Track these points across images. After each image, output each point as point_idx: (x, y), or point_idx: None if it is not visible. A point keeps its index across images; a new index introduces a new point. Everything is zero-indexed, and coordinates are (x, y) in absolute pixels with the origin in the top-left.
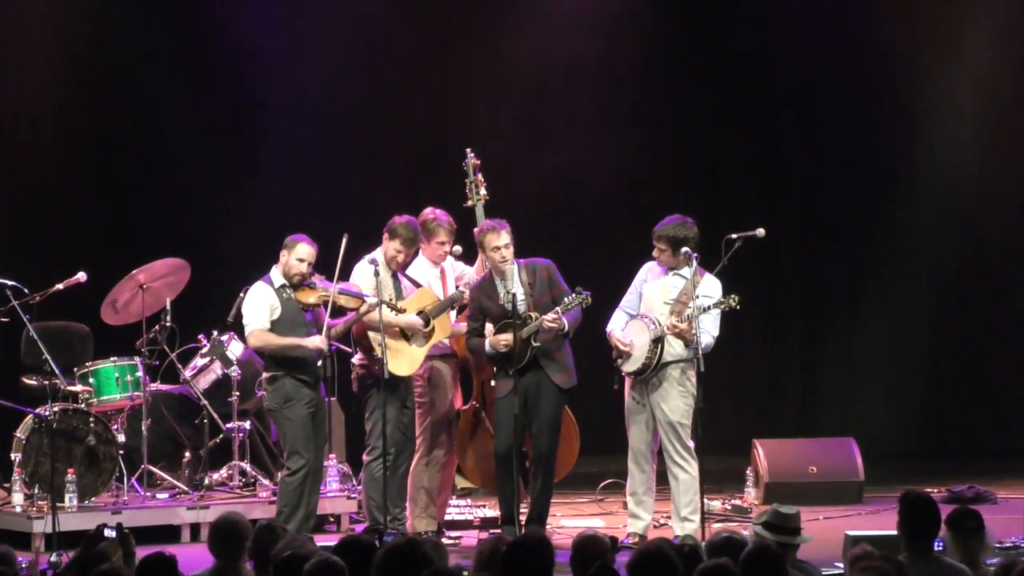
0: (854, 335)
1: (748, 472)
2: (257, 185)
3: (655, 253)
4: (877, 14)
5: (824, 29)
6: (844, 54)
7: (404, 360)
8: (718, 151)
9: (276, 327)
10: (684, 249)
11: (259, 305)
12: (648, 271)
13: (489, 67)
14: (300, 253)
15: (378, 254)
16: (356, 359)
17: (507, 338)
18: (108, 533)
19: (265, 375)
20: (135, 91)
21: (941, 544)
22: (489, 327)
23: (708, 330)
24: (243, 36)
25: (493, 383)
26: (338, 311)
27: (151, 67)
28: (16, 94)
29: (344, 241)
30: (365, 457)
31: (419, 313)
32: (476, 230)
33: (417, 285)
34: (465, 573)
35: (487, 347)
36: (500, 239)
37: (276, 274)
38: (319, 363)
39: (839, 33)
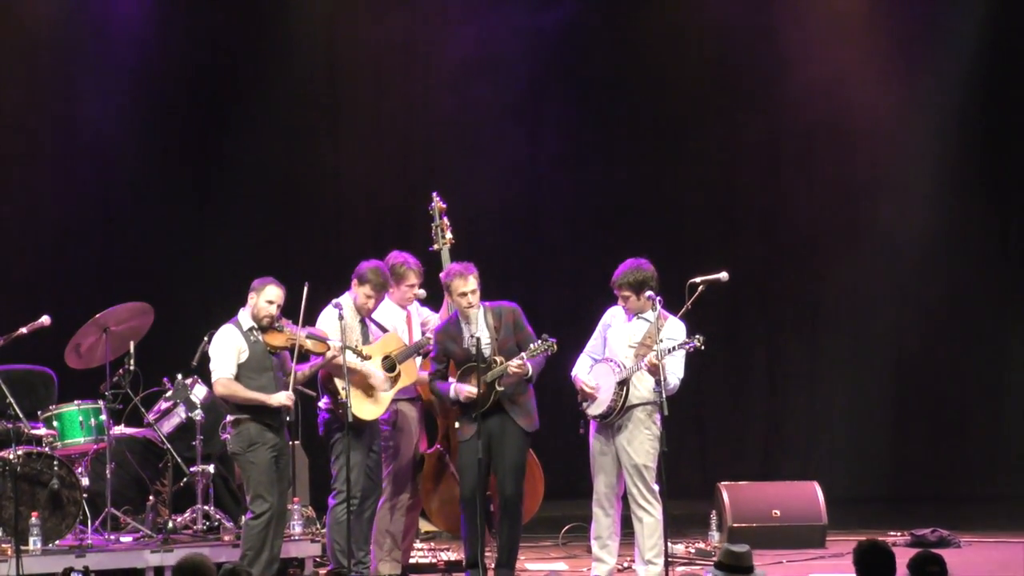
0: (818, 379)
1: (712, 516)
2: (220, 229)
3: (620, 301)
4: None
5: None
6: (807, 103)
7: (370, 405)
8: (680, 195)
9: (243, 370)
10: (648, 293)
11: (226, 350)
12: (612, 316)
13: (453, 106)
14: (269, 295)
15: (345, 299)
16: (322, 403)
17: (471, 389)
18: None
19: (229, 418)
20: (98, 135)
21: None
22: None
23: (674, 371)
24: (208, 78)
25: (457, 426)
26: (304, 356)
27: (113, 110)
28: None
29: (306, 289)
30: (330, 501)
31: (385, 358)
32: (443, 275)
33: (384, 330)
34: None
35: (451, 394)
36: (467, 284)
37: (244, 316)
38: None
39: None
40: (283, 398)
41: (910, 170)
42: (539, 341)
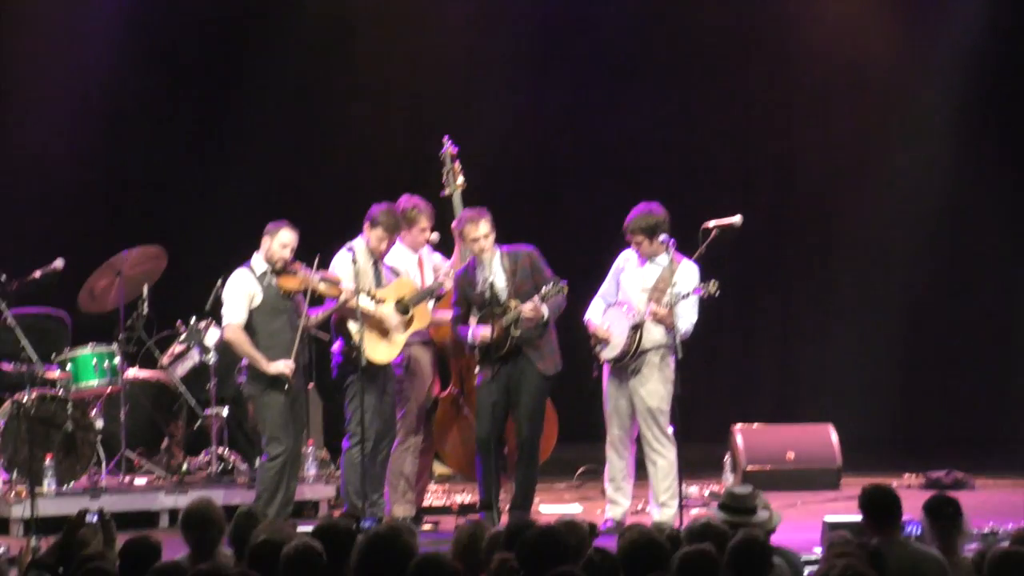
0: (830, 321)
1: (726, 459)
2: (233, 172)
3: (633, 246)
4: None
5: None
6: (819, 49)
7: (383, 347)
8: (696, 137)
9: (258, 313)
10: (662, 237)
11: (238, 295)
12: (626, 259)
13: (465, 46)
14: (283, 239)
15: (358, 243)
16: (335, 346)
17: (486, 333)
18: (90, 519)
19: (245, 361)
20: (111, 77)
21: (919, 528)
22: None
23: (687, 316)
24: (219, 21)
25: (477, 370)
26: (318, 299)
27: (127, 52)
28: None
29: (316, 261)
30: (345, 443)
31: (398, 302)
32: (455, 222)
33: (396, 274)
34: None
35: (469, 339)
36: (479, 229)
37: (258, 260)
38: (296, 349)
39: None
40: (281, 366)
41: (924, 117)
42: (550, 284)
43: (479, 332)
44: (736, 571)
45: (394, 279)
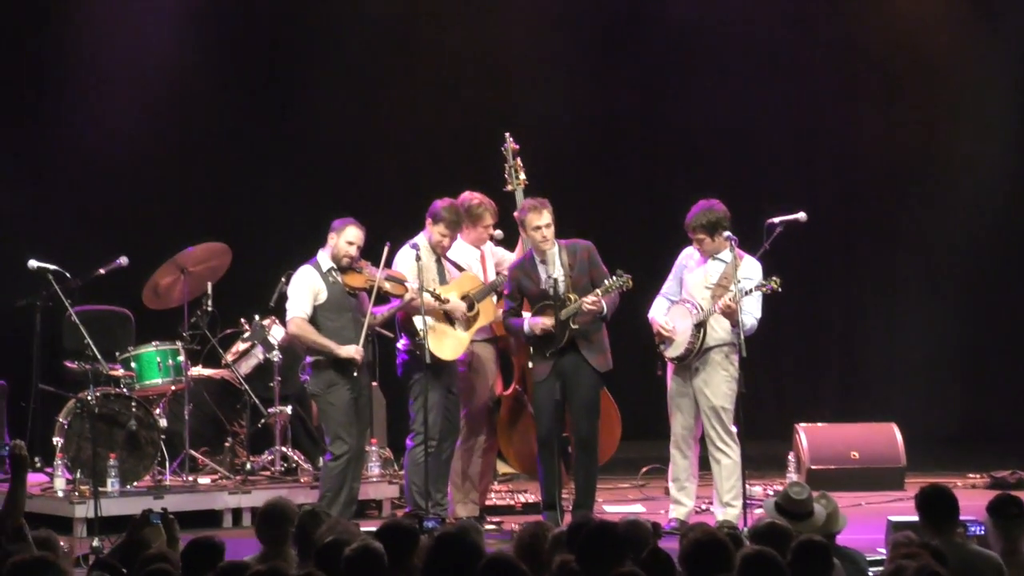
0: (895, 319)
1: (790, 457)
2: (297, 170)
3: (695, 244)
4: None
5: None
6: (885, 40)
7: (449, 344)
8: (756, 134)
9: (322, 310)
10: (726, 233)
11: (303, 290)
12: (688, 257)
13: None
14: (349, 236)
15: (420, 239)
16: (401, 344)
17: (546, 321)
18: (153, 519)
19: (308, 359)
20: (174, 75)
21: (983, 529)
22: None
23: (751, 312)
24: (282, 25)
25: (531, 365)
26: (382, 297)
27: (193, 53)
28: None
29: (386, 250)
30: (409, 442)
31: (463, 297)
32: (517, 211)
33: (460, 269)
34: None
35: (525, 328)
36: (542, 218)
37: (324, 257)
38: (361, 345)
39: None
40: (352, 351)
41: (991, 108)
42: (613, 277)
43: (538, 321)
44: (797, 573)
45: (458, 275)
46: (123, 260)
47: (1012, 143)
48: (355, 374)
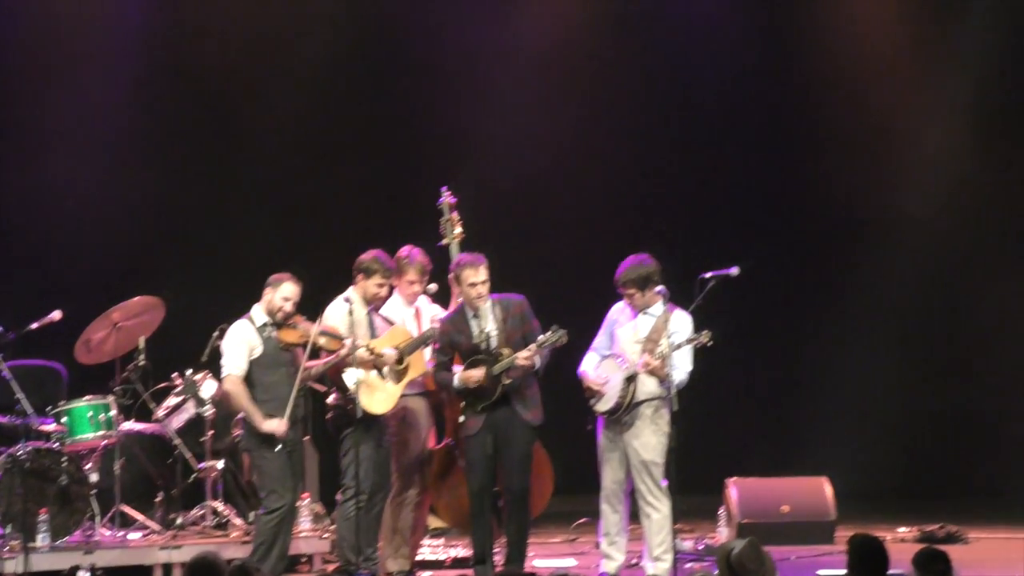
0: (827, 374)
1: (721, 511)
2: (230, 224)
3: (625, 300)
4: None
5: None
6: (816, 87)
7: (380, 398)
8: (689, 190)
9: (257, 365)
10: (659, 288)
11: (238, 345)
12: (619, 312)
13: (468, 103)
14: (285, 292)
15: (351, 293)
16: (331, 398)
17: (478, 374)
18: (82, 575)
19: (242, 414)
20: (113, 127)
21: None
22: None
23: (681, 367)
24: (219, 75)
25: (462, 419)
26: (316, 352)
27: (129, 105)
28: None
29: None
30: (339, 497)
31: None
32: (452, 265)
33: (390, 323)
34: None
35: (456, 382)
36: (478, 275)
37: (258, 312)
38: (293, 402)
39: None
40: (274, 425)
41: (925, 163)
42: (549, 332)
43: (470, 375)
44: None
45: (387, 328)
46: (56, 314)
47: (946, 198)
48: (290, 429)
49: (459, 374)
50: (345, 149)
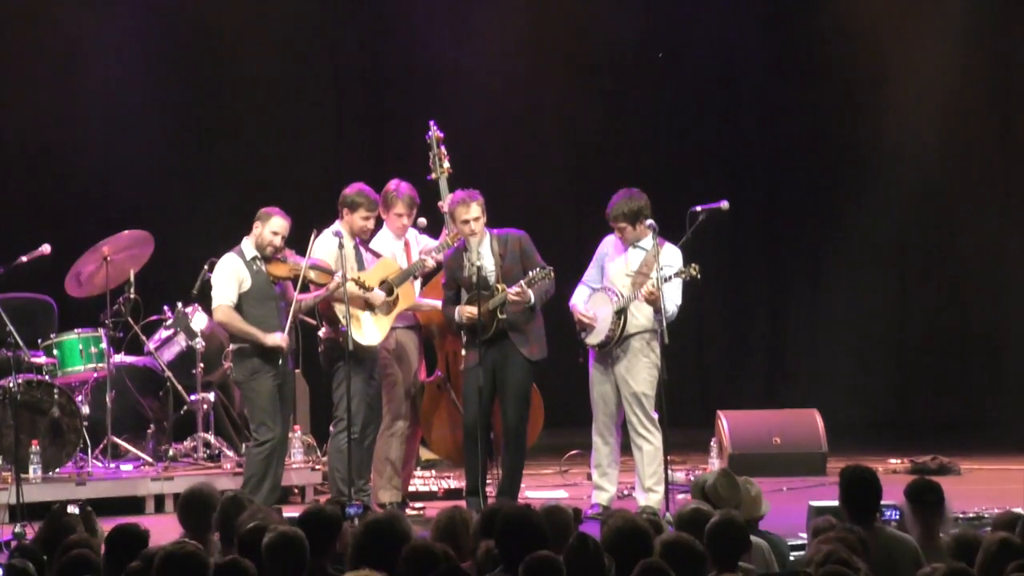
0: (819, 306)
1: (712, 443)
2: (221, 157)
3: (616, 233)
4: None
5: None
6: (811, 35)
7: (370, 330)
8: (682, 125)
9: (246, 299)
10: (648, 221)
11: (228, 278)
12: (609, 245)
13: (456, 37)
14: (274, 226)
15: (340, 227)
16: (323, 332)
17: (471, 310)
18: (71, 510)
19: (232, 347)
20: (101, 64)
21: (897, 514)
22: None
23: (672, 299)
24: (206, 13)
25: (463, 353)
26: (306, 286)
27: (118, 39)
28: None
29: (312, 237)
30: (332, 429)
31: (382, 283)
32: (447, 202)
33: (377, 256)
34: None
35: (456, 316)
36: (470, 212)
37: (248, 246)
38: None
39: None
40: (278, 339)
41: (915, 95)
42: (537, 269)
43: (465, 309)
44: (713, 552)
45: (375, 262)
46: (45, 248)
47: (936, 131)
48: (280, 362)
49: (456, 308)
50: (334, 83)
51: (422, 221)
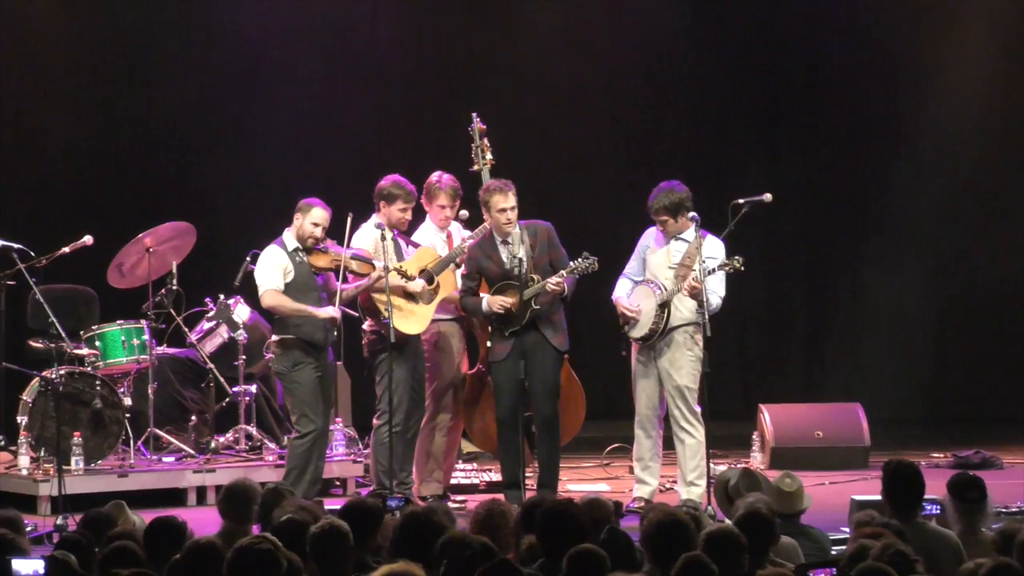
0: (860, 300)
1: (754, 437)
2: (263, 149)
3: (658, 226)
4: None
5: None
6: (851, 22)
7: (412, 319)
8: (723, 116)
9: (289, 290)
10: (691, 214)
11: (272, 267)
12: (651, 237)
13: (497, 30)
14: (315, 217)
15: (380, 219)
16: (366, 324)
17: (507, 300)
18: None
19: (274, 338)
20: (140, 55)
21: (939, 509)
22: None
23: (715, 291)
24: (245, 2)
25: (489, 344)
26: (346, 277)
27: (155, 34)
28: (21, 61)
29: (349, 219)
30: (375, 421)
31: (421, 271)
32: (481, 190)
33: (416, 246)
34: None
35: (484, 306)
36: (507, 200)
37: (289, 237)
38: (328, 327)
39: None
40: (332, 311)
41: (956, 82)
42: (580, 259)
43: (497, 299)
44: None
45: (414, 251)
46: (88, 239)
47: (979, 119)
48: (321, 353)
49: (488, 298)
50: (376, 75)
51: (464, 213)
